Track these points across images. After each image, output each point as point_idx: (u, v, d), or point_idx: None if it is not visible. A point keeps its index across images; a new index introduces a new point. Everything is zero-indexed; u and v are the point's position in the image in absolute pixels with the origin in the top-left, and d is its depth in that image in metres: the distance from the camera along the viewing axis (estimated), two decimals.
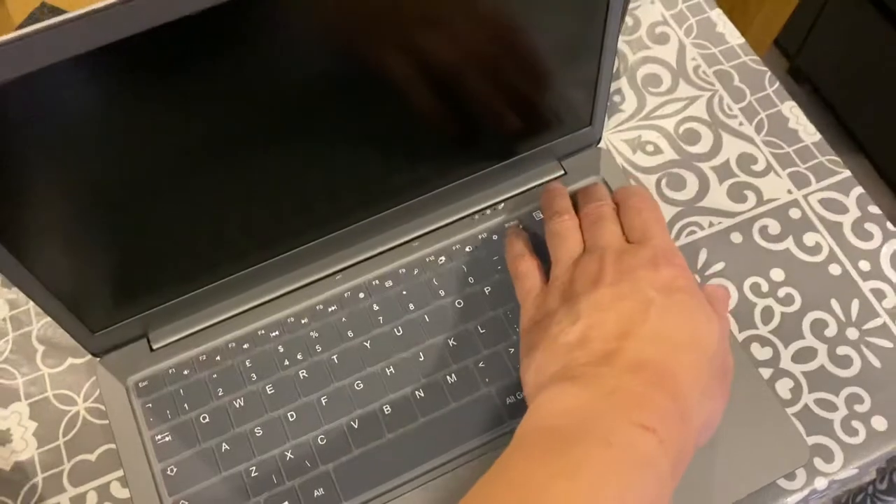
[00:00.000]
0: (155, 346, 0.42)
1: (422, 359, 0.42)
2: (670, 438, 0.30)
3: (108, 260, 0.38)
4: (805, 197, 0.47)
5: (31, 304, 0.45)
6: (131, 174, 0.34)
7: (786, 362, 0.43)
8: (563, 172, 0.47)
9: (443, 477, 0.39)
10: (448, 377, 0.41)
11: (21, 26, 0.49)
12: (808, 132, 0.49)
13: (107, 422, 0.42)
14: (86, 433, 0.42)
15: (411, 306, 0.43)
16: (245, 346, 0.42)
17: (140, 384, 0.42)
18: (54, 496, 0.41)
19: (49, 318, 0.44)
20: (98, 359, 0.42)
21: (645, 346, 0.33)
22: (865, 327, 0.44)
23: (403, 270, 0.44)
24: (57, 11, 0.52)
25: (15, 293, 0.46)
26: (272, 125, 0.35)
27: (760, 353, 0.43)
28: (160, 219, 0.37)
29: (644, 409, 0.31)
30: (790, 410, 0.42)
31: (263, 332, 0.43)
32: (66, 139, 0.31)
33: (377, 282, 0.44)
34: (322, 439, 0.40)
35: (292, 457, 0.40)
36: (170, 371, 0.42)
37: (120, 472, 0.41)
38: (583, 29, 0.40)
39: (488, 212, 0.46)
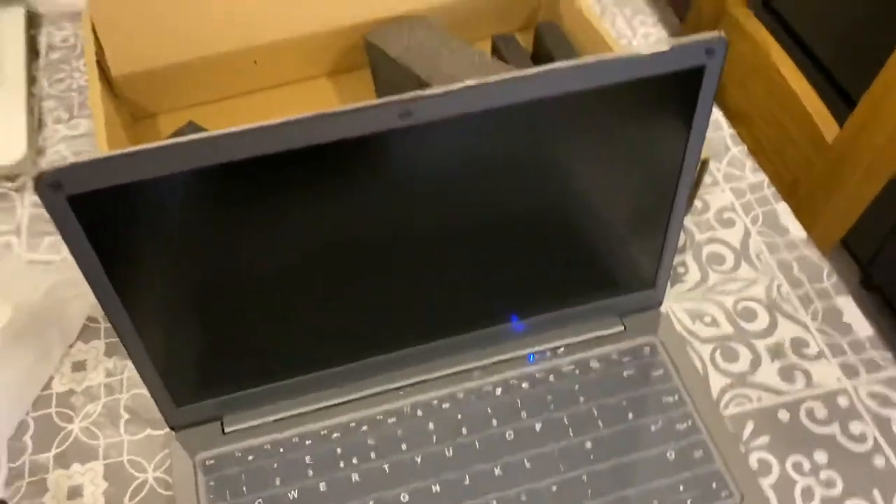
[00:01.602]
0: (227, 430, 0.46)
1: (466, 483, 0.44)
2: None
3: (205, 345, 0.43)
4: (854, 387, 0.49)
5: (125, 374, 0.50)
6: (240, 274, 0.40)
7: None
8: (622, 328, 0.51)
9: None
10: None
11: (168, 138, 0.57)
12: (862, 326, 0.52)
13: (171, 493, 0.45)
14: (150, 500, 0.45)
15: (464, 430, 0.46)
16: (307, 442, 0.46)
17: (207, 462, 0.45)
18: None
19: (137, 391, 0.49)
20: (174, 433, 0.46)
21: None
22: None
23: (462, 395, 0.48)
24: (199, 129, 0.60)
25: (112, 363, 0.51)
26: (371, 247, 0.40)
27: None
28: (255, 316, 0.42)
29: None
30: None
31: (326, 432, 0.46)
32: (191, 234, 0.37)
33: (436, 402, 0.47)
34: None
35: None
36: (236, 454, 0.45)
37: None
38: (654, 204, 0.45)
39: (548, 353, 0.49)
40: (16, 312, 0.48)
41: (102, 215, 0.34)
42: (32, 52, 0.70)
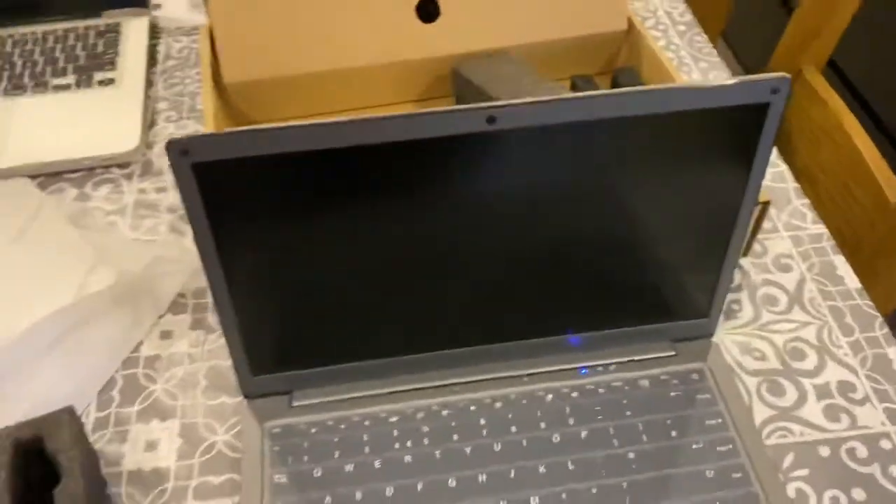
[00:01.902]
0: (295, 404, 0.50)
1: (511, 476, 0.47)
2: None
3: (288, 321, 0.47)
4: None
5: (207, 347, 0.55)
6: (330, 257, 0.44)
7: None
8: (673, 353, 0.53)
9: None
10: (532, 499, 0.46)
11: None
12: None
13: (238, 455, 0.49)
14: (218, 460, 0.49)
15: (513, 429, 0.49)
16: (367, 422, 0.49)
17: (274, 430, 0.49)
18: (177, 503, 0.47)
19: (216, 362, 0.53)
20: (246, 402, 0.50)
21: None
22: None
23: (514, 397, 0.50)
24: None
25: (196, 335, 0.55)
26: (446, 244, 0.44)
27: None
28: (337, 300, 0.46)
29: None
30: None
31: (385, 415, 0.50)
32: (292, 212, 0.41)
33: (489, 400, 0.50)
34: None
35: None
36: (301, 426, 0.49)
37: (235, 499, 0.47)
38: (713, 236, 0.48)
39: (599, 368, 0.52)
40: (118, 279, 0.53)
41: (219, 184, 0.39)
42: (152, 59, 0.77)
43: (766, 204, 0.55)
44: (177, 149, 0.37)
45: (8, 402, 0.49)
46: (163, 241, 0.61)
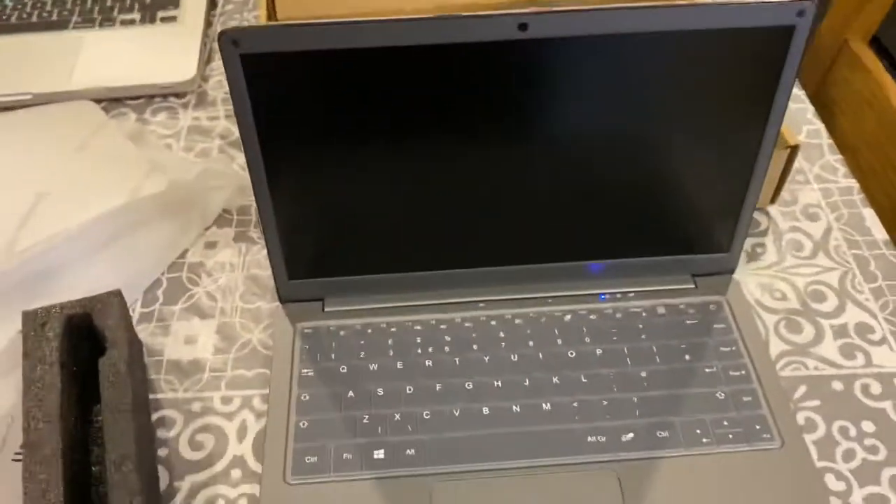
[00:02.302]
0: (327, 309, 0.53)
1: (526, 384, 0.49)
2: None
3: (326, 227, 0.50)
4: None
5: (247, 258, 0.58)
6: (369, 164, 0.46)
7: (856, 499, 0.45)
8: (693, 286, 0.54)
9: (509, 479, 0.45)
10: (544, 405, 0.48)
11: None
12: None
13: (269, 353, 0.52)
14: (251, 356, 0.52)
15: (531, 343, 0.51)
16: (393, 329, 0.52)
17: (305, 330, 0.52)
18: (210, 391, 0.51)
19: (255, 271, 0.57)
20: (281, 305, 0.53)
21: None
22: None
23: (533, 315, 0.52)
24: None
25: (238, 247, 0.59)
26: (471, 155, 0.47)
27: (834, 484, 0.46)
28: (374, 210, 0.49)
29: None
30: None
31: (410, 324, 0.52)
32: (332, 112, 0.44)
33: (509, 316, 0.52)
34: (427, 415, 0.47)
35: (398, 419, 0.47)
36: (330, 328, 0.52)
37: (265, 391, 0.50)
38: (736, 167, 0.49)
39: (619, 295, 0.54)
40: (169, 187, 0.57)
41: (265, 77, 0.42)
42: (212, 2, 0.81)
43: (795, 148, 0.56)
44: (228, 39, 0.40)
45: (63, 290, 0.52)
46: (213, 159, 0.64)
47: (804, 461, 0.46)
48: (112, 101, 0.70)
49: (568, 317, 0.52)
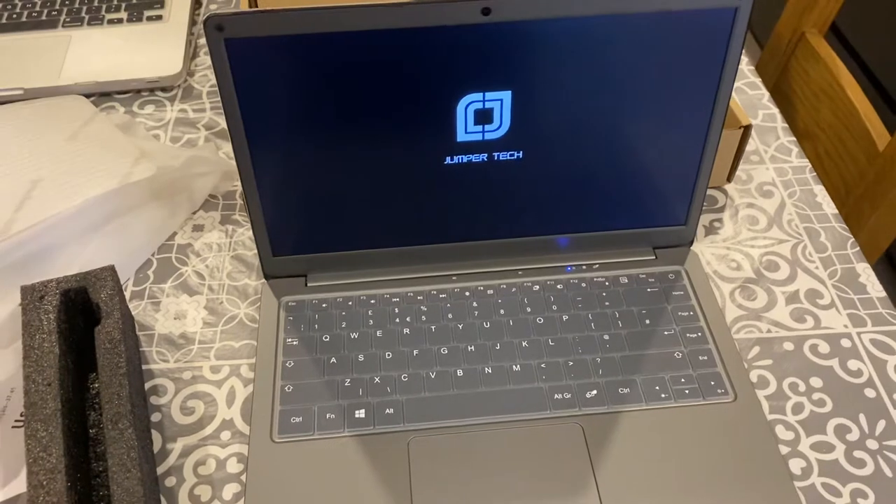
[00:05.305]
0: (309, 284, 0.56)
1: (497, 348, 0.52)
2: None
3: (307, 206, 0.53)
4: (858, 334, 0.55)
5: (233, 239, 0.61)
6: (346, 145, 0.50)
7: (804, 447, 0.49)
8: (653, 258, 0.58)
9: (481, 432, 0.48)
10: (513, 366, 0.51)
11: None
12: (876, 289, 0.57)
13: (256, 325, 0.55)
14: (238, 328, 0.55)
15: (501, 311, 0.54)
16: (372, 301, 0.55)
17: (289, 303, 0.55)
18: (200, 361, 0.53)
19: (241, 251, 0.59)
20: (266, 281, 0.56)
21: None
22: (886, 443, 0.49)
23: (503, 286, 0.56)
24: None
25: (224, 229, 0.62)
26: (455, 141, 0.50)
27: (783, 433, 0.49)
28: (351, 188, 0.52)
29: None
30: (797, 484, 0.47)
31: (387, 296, 0.55)
32: (312, 93, 0.47)
33: (481, 288, 0.56)
34: (405, 377, 0.51)
35: (378, 382, 0.50)
36: (313, 301, 0.55)
37: (251, 360, 0.53)
38: (688, 143, 0.53)
39: (584, 267, 0.57)
40: (158, 172, 0.60)
41: (249, 61, 0.45)
42: (197, 1, 0.84)
43: (748, 128, 0.60)
44: (213, 24, 0.44)
45: (58, 270, 0.55)
46: (200, 147, 0.67)
47: (756, 413, 0.49)
48: (101, 95, 0.73)
49: (536, 287, 0.56)
